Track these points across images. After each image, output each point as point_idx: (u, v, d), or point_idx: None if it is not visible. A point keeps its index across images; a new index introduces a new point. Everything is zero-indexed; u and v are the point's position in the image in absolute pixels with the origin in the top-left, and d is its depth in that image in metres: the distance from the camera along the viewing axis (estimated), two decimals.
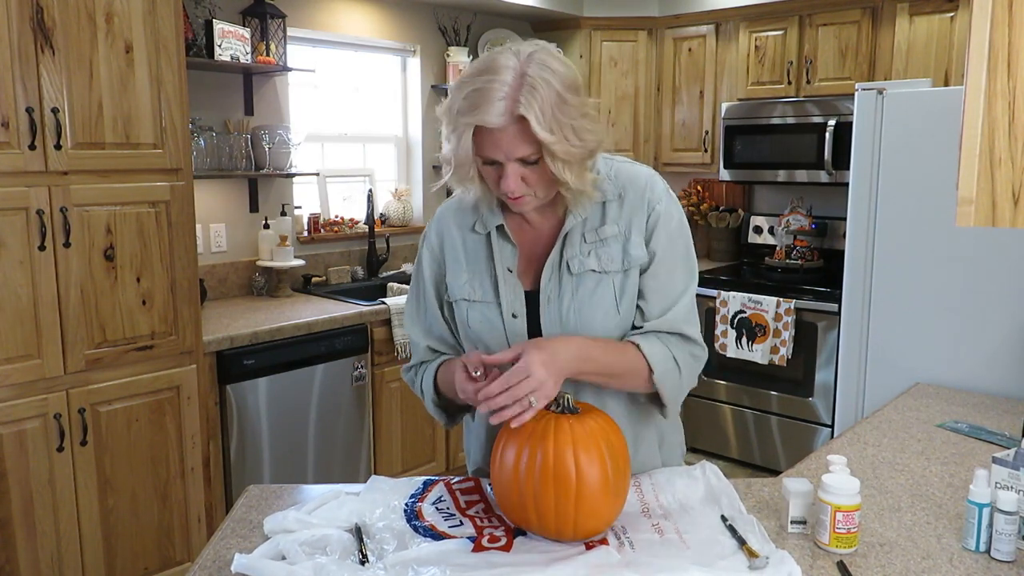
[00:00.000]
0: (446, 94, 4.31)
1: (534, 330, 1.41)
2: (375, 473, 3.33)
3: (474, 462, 1.59)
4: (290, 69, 3.45)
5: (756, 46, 4.19)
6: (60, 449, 2.44)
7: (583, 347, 1.32)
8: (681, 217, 1.44)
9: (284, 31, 3.44)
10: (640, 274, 1.40)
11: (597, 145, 1.30)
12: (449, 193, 1.51)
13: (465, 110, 1.22)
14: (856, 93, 2.96)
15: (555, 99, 1.22)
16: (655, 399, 1.43)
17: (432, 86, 4.27)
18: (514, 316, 1.41)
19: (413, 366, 1.56)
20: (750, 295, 3.85)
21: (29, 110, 2.29)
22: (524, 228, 1.44)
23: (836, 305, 3.42)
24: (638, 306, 1.41)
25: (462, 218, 1.47)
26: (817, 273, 4.09)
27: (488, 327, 1.42)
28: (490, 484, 1.41)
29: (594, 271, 1.38)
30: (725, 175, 4.26)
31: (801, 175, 3.99)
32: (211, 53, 3.18)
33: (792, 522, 1.35)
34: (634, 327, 1.41)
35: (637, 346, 1.36)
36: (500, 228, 1.43)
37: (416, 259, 1.55)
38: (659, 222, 1.40)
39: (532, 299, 1.42)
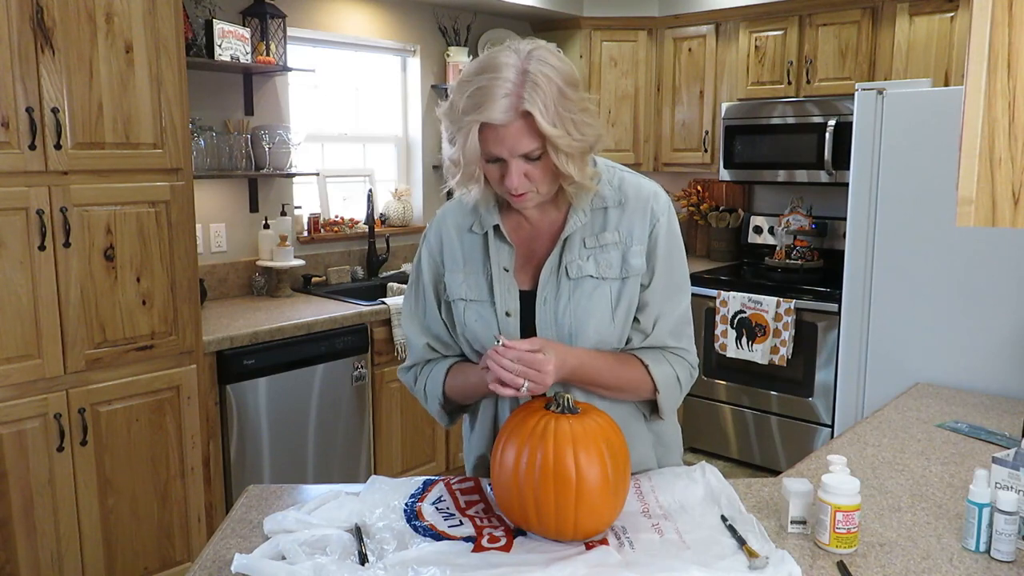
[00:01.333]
0: (446, 94, 4.31)
1: (528, 329, 1.42)
2: (375, 473, 3.33)
3: (476, 448, 1.58)
4: (290, 69, 3.45)
5: (756, 46, 4.19)
6: (60, 449, 2.44)
7: (589, 362, 1.36)
8: (676, 229, 1.46)
9: (284, 31, 3.44)
10: (641, 289, 1.42)
11: (596, 139, 1.32)
12: (449, 195, 1.52)
13: (470, 108, 1.23)
14: (856, 93, 2.96)
15: (556, 94, 1.23)
16: (647, 404, 1.48)
17: (432, 86, 4.27)
18: (508, 315, 1.42)
19: (411, 366, 1.57)
20: (750, 295, 3.85)
21: (29, 110, 2.29)
22: (522, 227, 1.46)
23: (836, 305, 3.42)
24: (638, 319, 1.43)
25: (461, 219, 1.48)
26: (817, 273, 4.09)
27: (483, 325, 1.43)
28: (490, 484, 1.42)
29: (592, 277, 1.40)
30: (725, 175, 4.26)
31: (801, 175, 3.99)
32: (211, 53, 3.18)
33: (792, 522, 1.35)
34: (630, 340, 1.44)
35: (646, 366, 1.41)
36: (497, 228, 1.44)
37: (415, 259, 1.56)
38: (661, 236, 1.42)
39: (527, 298, 1.43)
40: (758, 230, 4.53)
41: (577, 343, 1.40)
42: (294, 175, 3.60)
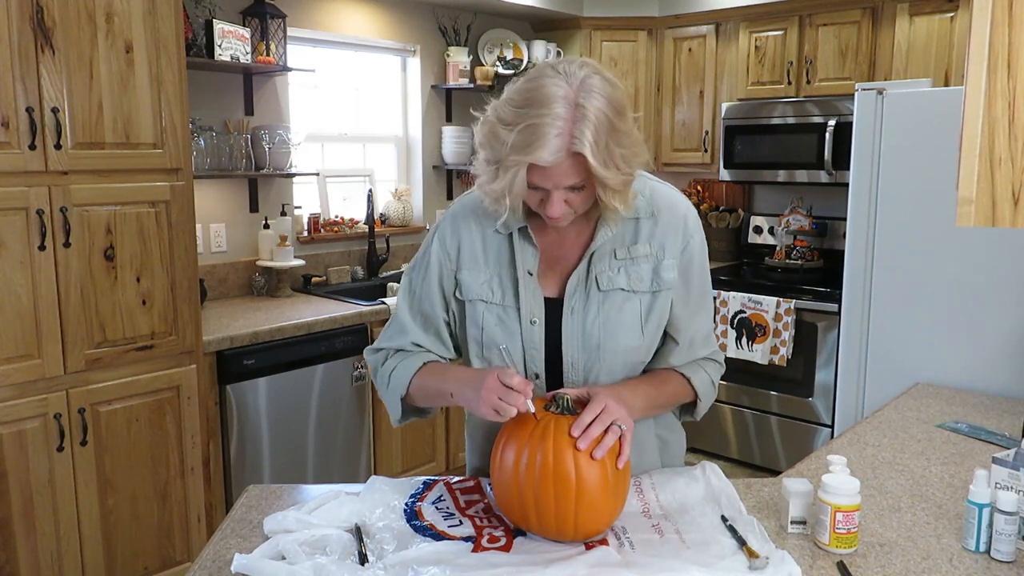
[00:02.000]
0: (447, 94, 4.32)
1: (552, 338, 1.39)
2: (375, 473, 3.33)
3: (472, 465, 1.59)
4: (290, 69, 3.45)
5: (756, 46, 4.19)
6: (60, 449, 2.44)
7: (648, 396, 1.38)
8: (706, 245, 1.48)
9: (284, 31, 3.44)
10: (675, 305, 1.42)
11: (641, 166, 1.28)
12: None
13: (519, 146, 1.17)
14: (856, 93, 2.95)
15: (608, 128, 1.18)
16: (684, 408, 1.53)
17: (432, 86, 4.27)
18: (532, 322, 1.39)
19: (383, 349, 1.48)
20: (750, 295, 3.85)
21: (29, 110, 2.29)
22: (548, 229, 1.40)
23: (836, 305, 3.42)
24: (675, 339, 1.43)
25: (483, 216, 1.41)
26: (817, 273, 4.09)
27: (504, 331, 1.39)
28: (490, 484, 1.41)
29: (623, 290, 1.38)
30: (725, 175, 4.26)
31: (801, 175, 3.99)
32: (211, 53, 3.18)
33: (792, 522, 1.35)
34: (666, 356, 1.45)
35: (687, 379, 1.44)
36: (523, 230, 1.39)
37: (423, 248, 1.48)
38: (696, 255, 1.43)
39: (551, 306, 1.40)
40: (758, 230, 4.53)
41: (604, 355, 1.38)
42: (294, 175, 3.60)
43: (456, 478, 1.50)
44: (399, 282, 4.16)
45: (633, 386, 1.38)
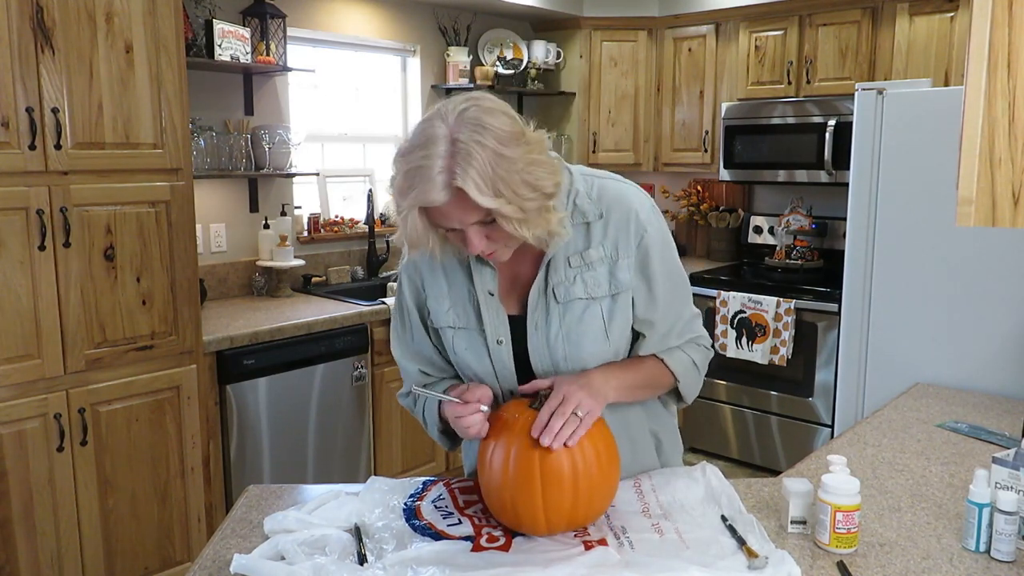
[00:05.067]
0: (447, 94, 4.32)
1: (520, 355, 1.39)
2: (375, 473, 3.33)
3: (471, 466, 1.59)
4: (290, 69, 3.45)
5: (756, 46, 4.19)
6: (60, 449, 2.44)
7: (622, 376, 1.37)
8: (666, 232, 1.42)
9: (284, 31, 3.44)
10: (643, 305, 1.39)
11: (555, 187, 1.23)
12: None
13: (406, 190, 1.17)
14: (856, 93, 2.95)
15: (492, 159, 1.14)
16: (671, 393, 1.51)
17: (432, 86, 4.27)
18: (499, 342, 1.38)
19: (408, 392, 1.52)
20: (750, 295, 3.85)
21: (29, 110, 2.29)
22: None
23: (836, 305, 3.42)
24: (645, 335, 1.41)
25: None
26: (817, 273, 4.09)
27: (474, 354, 1.40)
28: None
29: (581, 298, 1.35)
30: (725, 175, 4.25)
31: (801, 175, 3.99)
32: (211, 53, 3.18)
33: (792, 522, 1.35)
34: (632, 347, 1.44)
35: (661, 360, 1.42)
36: None
37: (397, 284, 1.50)
38: (653, 249, 1.38)
39: (516, 323, 1.39)
40: (758, 230, 4.53)
41: (572, 365, 1.36)
42: (294, 175, 3.60)
43: (456, 478, 1.50)
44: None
45: (604, 369, 1.36)
